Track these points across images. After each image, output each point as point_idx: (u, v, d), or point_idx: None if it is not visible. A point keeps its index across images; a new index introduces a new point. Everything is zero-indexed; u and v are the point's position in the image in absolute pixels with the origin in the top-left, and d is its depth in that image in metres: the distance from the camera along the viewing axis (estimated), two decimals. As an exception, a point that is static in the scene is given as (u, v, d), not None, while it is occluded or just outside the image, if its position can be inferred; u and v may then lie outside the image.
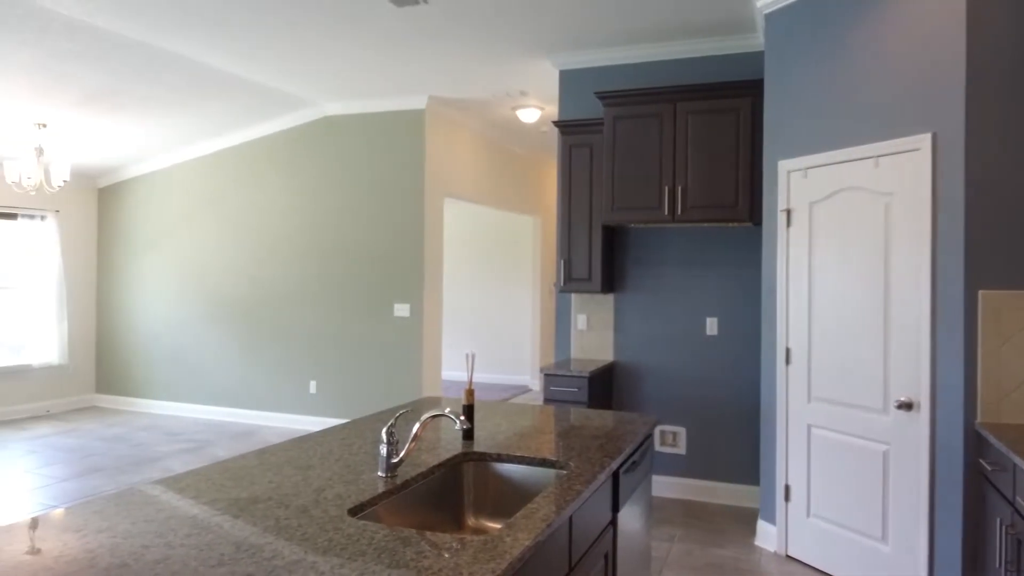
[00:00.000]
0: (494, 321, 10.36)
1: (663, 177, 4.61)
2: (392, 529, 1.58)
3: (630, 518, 2.52)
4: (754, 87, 4.41)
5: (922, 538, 3.21)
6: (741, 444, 4.87)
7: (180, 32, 4.81)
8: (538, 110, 6.76)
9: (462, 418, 2.13)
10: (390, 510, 1.87)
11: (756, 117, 4.41)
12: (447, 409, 2.08)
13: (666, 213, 4.59)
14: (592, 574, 2.07)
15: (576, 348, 5.31)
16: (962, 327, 3.05)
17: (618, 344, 5.19)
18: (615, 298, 5.20)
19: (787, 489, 3.92)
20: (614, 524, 2.31)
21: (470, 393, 2.47)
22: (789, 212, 3.93)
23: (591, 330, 5.26)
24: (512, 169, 8.69)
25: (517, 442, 2.42)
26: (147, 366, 7.96)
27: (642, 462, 2.68)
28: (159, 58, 5.25)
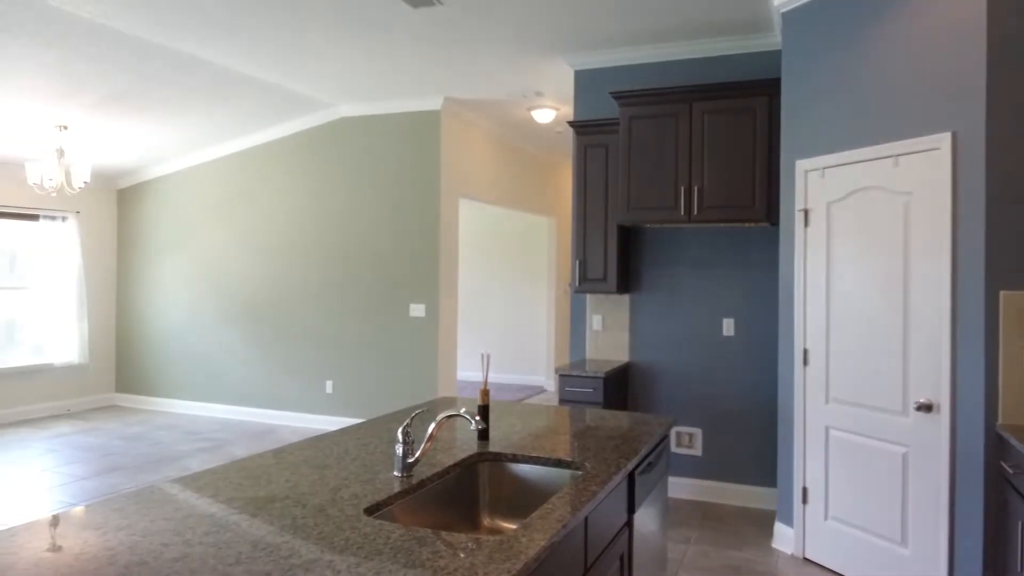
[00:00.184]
0: (509, 322, 10.37)
1: (679, 177, 4.59)
2: (408, 529, 1.58)
3: (646, 519, 2.51)
4: (770, 86, 4.38)
5: (942, 541, 3.17)
6: (758, 446, 4.84)
7: (198, 35, 4.86)
8: (553, 110, 6.75)
9: (477, 418, 2.13)
10: (406, 510, 1.88)
11: (773, 116, 4.38)
12: (462, 409, 2.08)
13: (682, 213, 4.57)
14: (608, 575, 2.07)
15: (591, 349, 5.30)
16: (983, 328, 3.02)
17: (633, 345, 5.18)
18: (630, 298, 5.18)
19: (804, 491, 3.89)
20: (630, 525, 2.31)
21: (485, 393, 2.47)
22: (806, 212, 3.90)
23: (606, 331, 5.25)
24: (527, 170, 8.69)
25: (532, 442, 2.42)
26: (166, 365, 8.04)
27: (658, 463, 2.67)
28: (177, 61, 5.31)
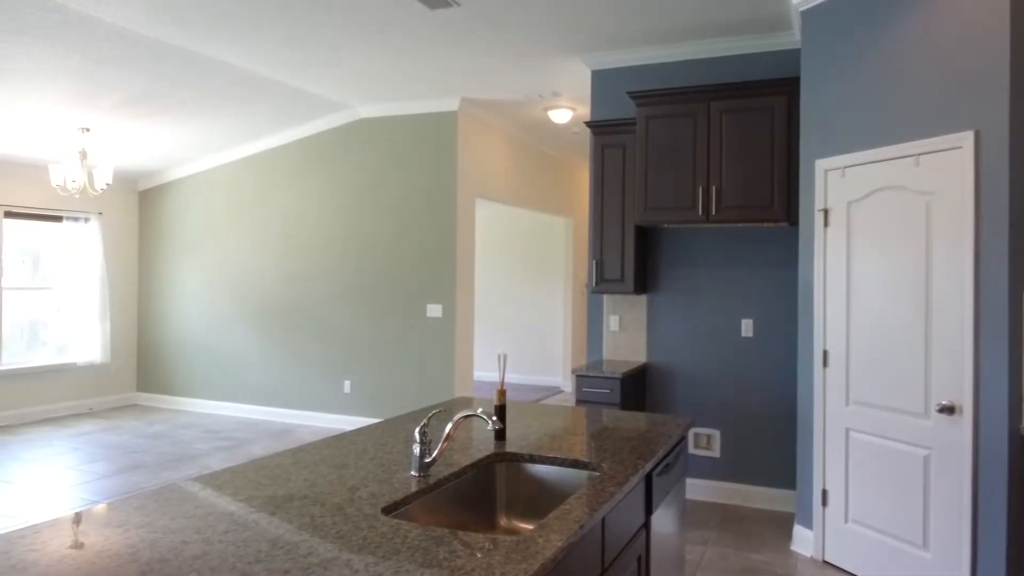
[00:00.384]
0: (526, 322, 10.36)
1: (697, 177, 4.56)
2: (425, 528, 1.59)
3: (664, 521, 2.50)
4: (789, 85, 4.34)
5: (964, 545, 3.13)
6: (777, 447, 4.80)
7: (218, 38, 4.90)
8: (570, 111, 6.74)
9: (494, 418, 2.13)
10: (423, 509, 1.88)
11: (791, 115, 4.35)
12: (479, 409, 2.08)
13: (700, 213, 4.54)
14: (625, 576, 2.06)
15: (608, 349, 5.28)
16: (1007, 329, 2.97)
17: (651, 345, 5.16)
18: (648, 299, 5.16)
19: (824, 494, 3.86)
20: (647, 527, 2.30)
21: (502, 394, 2.47)
22: (826, 212, 3.86)
23: (623, 331, 5.23)
24: (544, 170, 8.69)
25: (549, 443, 2.41)
26: (186, 365, 8.12)
27: (676, 465, 2.66)
28: (198, 63, 5.36)
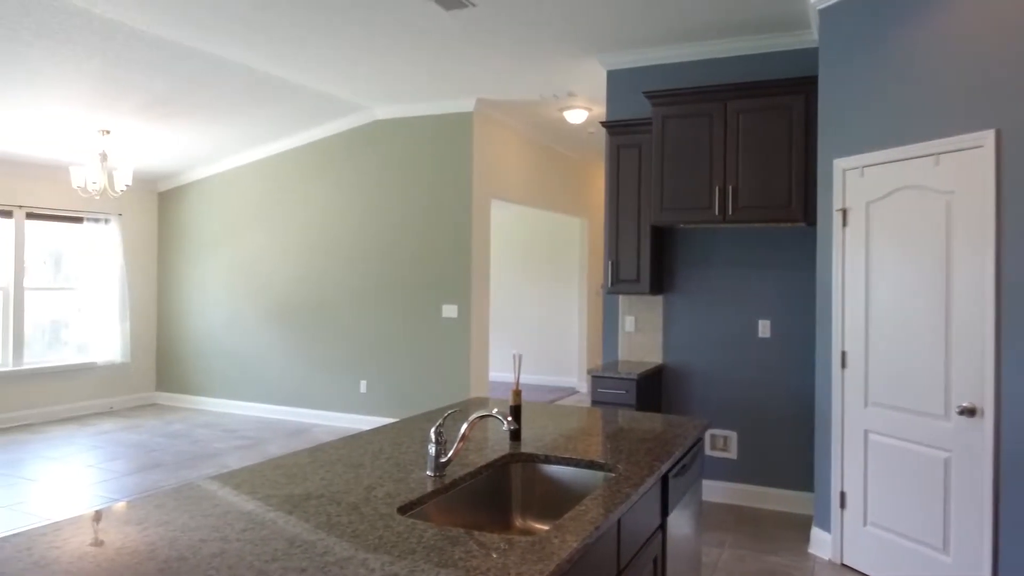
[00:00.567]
0: (541, 322, 10.35)
1: (713, 177, 4.54)
2: (440, 528, 1.59)
3: (680, 523, 2.49)
4: (806, 84, 4.31)
5: (986, 549, 3.09)
6: (795, 449, 4.76)
7: (237, 40, 4.94)
8: (585, 111, 6.73)
9: (509, 419, 2.13)
10: (439, 509, 1.89)
11: (809, 115, 4.31)
12: (495, 410, 2.08)
13: (717, 213, 4.52)
14: (641, 578, 2.05)
15: (624, 350, 5.26)
16: (1029, 330, 2.93)
17: (667, 346, 5.13)
18: (664, 299, 5.14)
19: (843, 496, 3.82)
20: (663, 528, 2.29)
21: (517, 394, 2.47)
22: (845, 212, 3.83)
23: (639, 332, 5.21)
24: (559, 170, 8.68)
25: (564, 444, 2.41)
26: (205, 365, 8.19)
27: (692, 466, 2.64)
28: (216, 65, 5.41)
